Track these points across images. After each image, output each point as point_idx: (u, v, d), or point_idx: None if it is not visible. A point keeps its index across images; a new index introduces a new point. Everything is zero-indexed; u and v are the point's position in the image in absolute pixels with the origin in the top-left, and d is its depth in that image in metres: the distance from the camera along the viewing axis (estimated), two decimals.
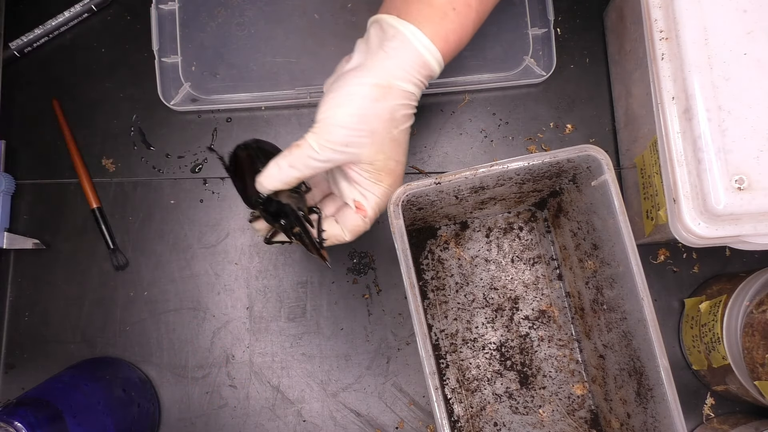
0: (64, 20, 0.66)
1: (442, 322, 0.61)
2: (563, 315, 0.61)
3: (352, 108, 0.45)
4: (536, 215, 0.62)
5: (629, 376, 0.52)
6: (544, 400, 0.60)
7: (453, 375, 0.60)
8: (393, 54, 0.46)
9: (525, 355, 0.61)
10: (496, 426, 0.59)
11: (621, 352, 0.53)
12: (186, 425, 0.62)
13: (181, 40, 0.65)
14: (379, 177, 0.49)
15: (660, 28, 0.51)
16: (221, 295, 0.64)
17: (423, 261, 0.62)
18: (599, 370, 0.57)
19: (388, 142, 0.47)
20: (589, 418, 0.60)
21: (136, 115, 0.66)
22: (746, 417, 0.59)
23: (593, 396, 0.60)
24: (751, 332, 0.55)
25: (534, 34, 0.65)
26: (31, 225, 0.65)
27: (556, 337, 0.61)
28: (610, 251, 0.51)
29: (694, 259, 0.63)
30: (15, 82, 0.67)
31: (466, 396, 0.60)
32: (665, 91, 0.50)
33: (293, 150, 0.46)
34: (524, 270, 0.62)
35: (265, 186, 0.47)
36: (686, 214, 0.49)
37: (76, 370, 0.58)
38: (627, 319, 0.50)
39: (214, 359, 0.63)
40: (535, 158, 0.49)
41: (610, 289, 0.52)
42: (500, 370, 0.60)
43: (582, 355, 0.60)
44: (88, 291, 0.64)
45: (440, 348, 0.61)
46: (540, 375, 0.60)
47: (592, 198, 0.52)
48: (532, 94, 0.66)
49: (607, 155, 0.49)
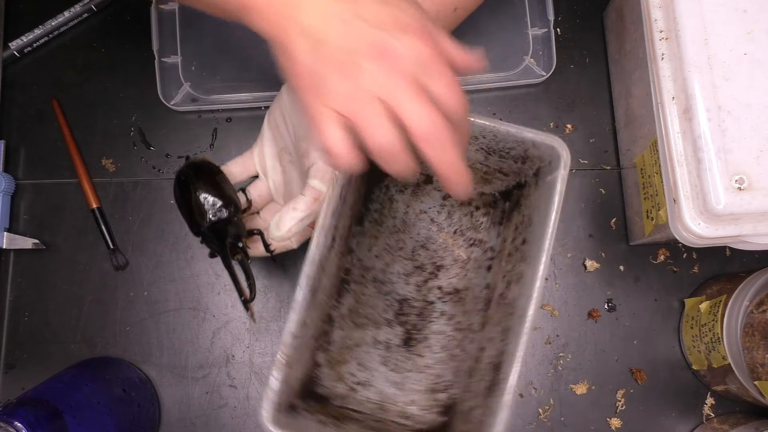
0: (64, 20, 0.66)
1: (364, 254, 0.61)
2: (473, 303, 0.61)
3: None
4: (497, 204, 0.62)
5: (491, 371, 0.51)
6: (414, 367, 0.60)
7: (348, 303, 0.60)
8: None
9: (421, 319, 0.61)
10: (360, 366, 0.60)
11: (495, 347, 0.52)
12: (186, 425, 0.62)
13: (181, 40, 0.65)
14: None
15: (660, 28, 0.51)
16: (221, 295, 0.64)
17: (375, 191, 0.62)
18: (475, 363, 0.57)
19: None
20: (445, 404, 0.59)
21: (136, 115, 0.66)
22: (746, 417, 0.60)
23: (459, 385, 0.59)
24: (752, 332, 0.55)
25: (534, 34, 0.65)
26: (30, 225, 0.65)
27: (456, 319, 0.61)
28: (531, 249, 0.51)
29: (694, 259, 0.63)
30: (15, 82, 0.67)
31: (350, 327, 0.60)
32: (665, 91, 0.50)
33: (312, 205, 0.47)
34: (461, 246, 0.62)
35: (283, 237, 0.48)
36: (686, 214, 0.49)
37: (76, 370, 0.58)
38: (512, 314, 0.50)
39: (214, 359, 0.63)
40: (502, 125, 0.49)
41: (516, 284, 0.52)
42: (391, 321, 0.60)
43: (470, 345, 0.60)
44: (88, 291, 0.64)
45: (350, 274, 0.61)
46: (424, 344, 0.60)
47: (542, 194, 0.52)
48: (532, 94, 0.66)
49: (569, 153, 0.48)
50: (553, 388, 0.62)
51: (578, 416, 0.62)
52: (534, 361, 0.62)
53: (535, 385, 0.62)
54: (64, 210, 0.65)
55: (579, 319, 0.63)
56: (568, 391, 0.62)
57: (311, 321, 0.52)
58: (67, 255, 0.64)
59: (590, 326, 0.63)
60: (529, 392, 0.62)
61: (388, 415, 0.59)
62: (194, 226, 0.51)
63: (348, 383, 0.59)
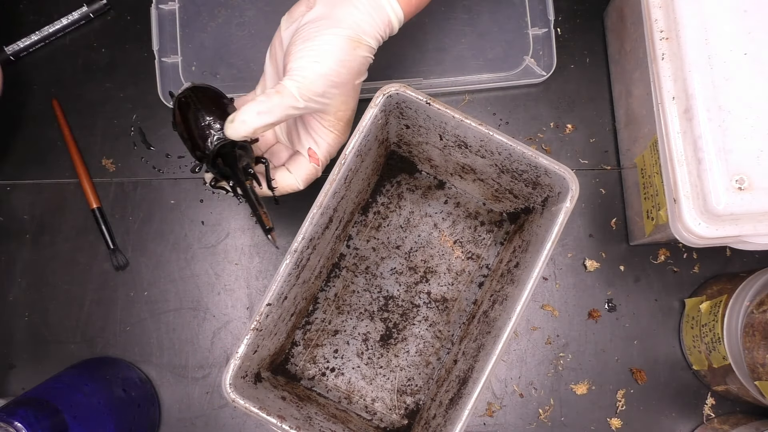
0: (61, 27, 0.66)
1: (361, 243, 0.62)
2: (458, 315, 0.61)
3: (331, 59, 0.46)
4: (503, 224, 0.62)
5: (458, 384, 0.52)
6: (387, 365, 0.61)
7: (335, 288, 0.61)
8: (362, 8, 0.47)
9: (403, 320, 0.61)
10: (335, 352, 0.61)
11: (468, 362, 0.53)
12: (186, 425, 0.62)
13: (181, 40, 0.65)
14: (336, 125, 0.50)
15: (660, 28, 0.51)
16: (221, 295, 0.64)
17: (386, 184, 0.63)
18: (447, 374, 0.57)
19: (352, 93, 0.49)
20: (411, 408, 0.60)
21: (136, 115, 0.66)
22: (746, 417, 0.59)
23: (428, 392, 0.60)
24: (752, 332, 0.55)
25: (534, 34, 0.65)
26: (31, 225, 0.65)
27: (438, 327, 0.61)
28: (522, 274, 0.51)
29: (694, 259, 0.63)
30: (15, 83, 0.67)
31: (333, 312, 0.61)
32: (665, 91, 0.50)
33: (272, 97, 0.46)
34: (458, 257, 0.62)
35: (237, 133, 0.46)
36: (686, 214, 0.49)
37: (76, 370, 0.58)
38: (489, 333, 0.51)
39: (214, 359, 0.63)
40: (518, 145, 0.49)
41: (500, 305, 0.53)
42: (373, 315, 0.61)
43: (446, 356, 0.61)
44: (88, 291, 0.64)
45: (344, 260, 0.62)
46: (401, 344, 0.61)
47: (544, 222, 0.52)
48: (532, 94, 0.66)
49: (578, 187, 0.48)
50: (553, 388, 0.62)
51: (578, 416, 0.62)
52: (534, 361, 0.62)
53: (535, 385, 0.62)
54: (64, 210, 0.65)
55: (579, 319, 0.63)
56: (569, 391, 0.62)
57: (294, 296, 0.52)
58: (67, 255, 0.64)
59: (590, 326, 0.63)
60: (530, 392, 0.62)
61: (352, 407, 0.60)
62: (196, 150, 0.49)
63: (320, 367, 0.60)
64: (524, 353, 0.63)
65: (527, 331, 0.63)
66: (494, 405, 0.62)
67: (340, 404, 0.60)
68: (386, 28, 0.48)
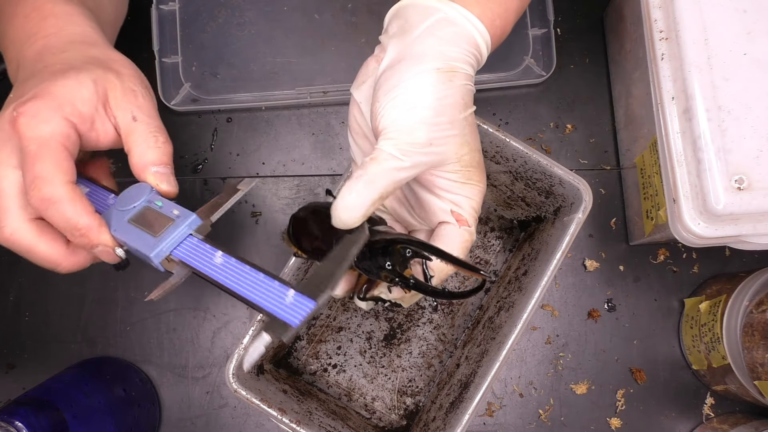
0: None
1: None
2: (463, 319, 0.61)
3: (426, 100, 0.38)
4: (513, 231, 0.62)
5: (459, 388, 0.52)
6: (389, 365, 0.61)
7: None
8: (443, 35, 0.40)
9: (408, 321, 0.61)
10: (338, 349, 0.61)
11: (470, 366, 0.53)
12: (186, 425, 0.62)
13: (182, 40, 0.65)
14: (469, 175, 0.41)
15: (660, 28, 0.51)
16: (222, 296, 0.64)
17: None
18: (449, 377, 0.58)
19: (468, 130, 0.41)
20: (411, 409, 0.60)
21: None
22: (746, 417, 0.60)
23: (428, 394, 0.60)
24: (751, 332, 0.55)
25: (534, 34, 0.65)
26: None
27: (442, 331, 0.61)
28: (530, 282, 0.50)
29: (694, 259, 0.63)
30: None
31: (339, 309, 0.61)
32: (665, 91, 0.50)
33: (368, 167, 0.38)
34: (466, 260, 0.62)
35: (344, 219, 0.39)
36: (686, 214, 0.49)
37: (76, 370, 0.58)
38: (494, 339, 0.51)
39: (214, 359, 0.63)
40: (534, 153, 0.49)
41: (506, 311, 0.53)
42: (378, 315, 0.61)
43: (449, 360, 0.61)
44: (88, 291, 0.64)
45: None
46: (404, 345, 0.61)
47: (555, 232, 0.52)
48: (532, 94, 0.66)
49: (591, 199, 0.48)
50: (553, 388, 0.62)
51: (578, 416, 0.62)
52: (534, 361, 0.63)
53: (535, 385, 0.62)
54: None
55: (579, 319, 0.63)
56: (568, 391, 0.62)
57: None
58: None
59: (590, 326, 0.63)
60: (530, 392, 0.62)
61: (352, 404, 0.60)
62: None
63: (322, 362, 0.61)
64: (524, 353, 0.63)
65: (527, 331, 0.63)
66: (494, 405, 0.62)
67: (340, 401, 0.60)
68: (475, 51, 0.41)
